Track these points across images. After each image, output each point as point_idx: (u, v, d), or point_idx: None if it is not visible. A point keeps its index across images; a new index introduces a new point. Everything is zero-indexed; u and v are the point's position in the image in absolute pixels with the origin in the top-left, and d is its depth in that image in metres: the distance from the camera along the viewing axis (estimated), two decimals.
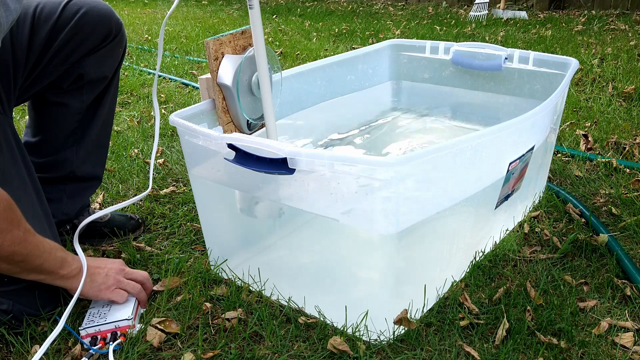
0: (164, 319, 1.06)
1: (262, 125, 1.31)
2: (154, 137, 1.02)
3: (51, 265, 0.97)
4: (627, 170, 1.72)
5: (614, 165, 1.74)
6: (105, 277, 1.06)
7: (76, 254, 1.07)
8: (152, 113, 2.45)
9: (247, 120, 1.23)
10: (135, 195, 1.64)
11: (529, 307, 1.08)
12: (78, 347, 1.00)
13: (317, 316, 1.08)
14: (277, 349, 1.00)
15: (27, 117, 1.28)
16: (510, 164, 1.15)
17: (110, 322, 1.02)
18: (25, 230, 0.87)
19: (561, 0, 5.30)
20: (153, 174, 1.78)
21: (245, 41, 1.20)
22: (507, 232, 1.36)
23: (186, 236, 1.40)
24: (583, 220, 1.42)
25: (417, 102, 1.91)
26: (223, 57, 1.16)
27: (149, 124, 2.31)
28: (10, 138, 1.02)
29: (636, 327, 1.05)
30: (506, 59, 1.65)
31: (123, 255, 1.31)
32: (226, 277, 1.22)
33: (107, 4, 1.18)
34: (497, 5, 5.10)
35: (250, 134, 1.27)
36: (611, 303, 1.12)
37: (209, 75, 1.18)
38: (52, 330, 0.99)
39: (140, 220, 1.43)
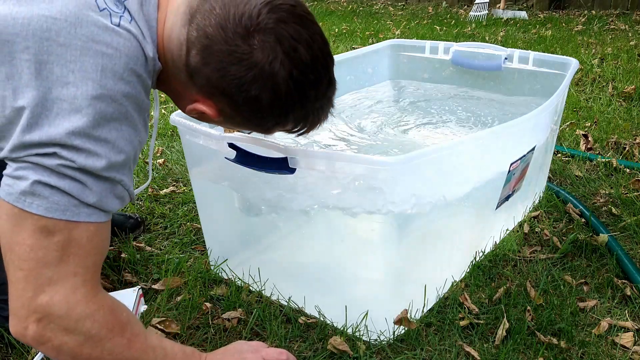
0: (164, 319, 1.06)
1: None
2: (154, 135, 1.02)
3: None
4: (627, 170, 1.72)
5: (614, 165, 1.74)
6: None
7: None
8: (151, 112, 2.44)
9: None
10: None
11: (529, 307, 1.08)
12: None
13: (317, 316, 1.08)
14: None
15: None
16: (511, 164, 1.15)
17: None
18: (132, 334, 0.75)
19: (561, 0, 5.30)
20: (153, 173, 1.78)
21: None
22: (507, 232, 1.36)
23: (186, 236, 1.40)
24: (583, 220, 1.42)
25: (417, 102, 1.91)
26: None
27: (149, 124, 2.31)
28: None
29: (636, 327, 1.05)
30: (506, 59, 1.65)
31: (123, 255, 1.31)
32: (226, 277, 1.22)
33: None
34: (497, 5, 5.10)
35: (248, 133, 1.27)
36: (611, 303, 1.12)
37: None
38: None
39: (139, 220, 1.43)
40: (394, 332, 1.02)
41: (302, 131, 0.80)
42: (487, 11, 4.82)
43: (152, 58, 0.71)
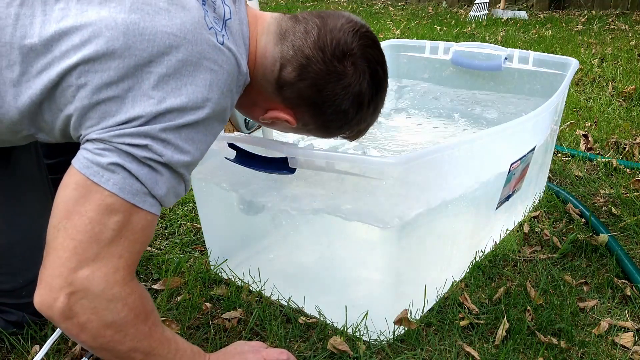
0: (164, 319, 1.06)
1: (260, 125, 1.31)
2: None
3: None
4: (627, 170, 1.72)
5: (614, 165, 1.74)
6: None
7: None
8: None
9: (244, 119, 1.23)
10: None
11: (529, 307, 1.08)
12: (78, 347, 1.00)
13: (317, 316, 1.08)
14: None
15: None
16: (511, 164, 1.15)
17: None
18: (153, 323, 0.77)
19: (561, 0, 5.30)
20: None
21: None
22: (507, 232, 1.36)
23: (186, 236, 1.40)
24: (583, 220, 1.42)
25: (417, 102, 1.91)
26: None
27: None
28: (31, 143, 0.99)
29: (636, 327, 1.05)
30: (506, 59, 1.65)
31: None
32: (226, 277, 1.22)
33: None
34: (497, 5, 5.10)
35: (248, 133, 1.27)
36: (611, 303, 1.12)
37: None
38: (54, 331, 0.99)
39: None
40: (394, 332, 1.02)
41: (357, 135, 0.92)
42: (487, 11, 4.83)
43: (245, 73, 0.79)
